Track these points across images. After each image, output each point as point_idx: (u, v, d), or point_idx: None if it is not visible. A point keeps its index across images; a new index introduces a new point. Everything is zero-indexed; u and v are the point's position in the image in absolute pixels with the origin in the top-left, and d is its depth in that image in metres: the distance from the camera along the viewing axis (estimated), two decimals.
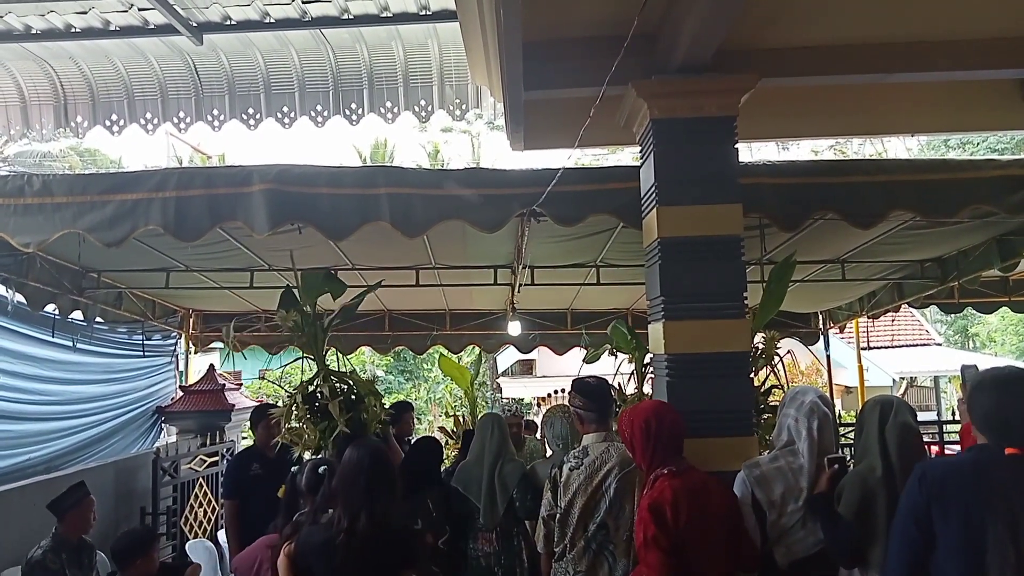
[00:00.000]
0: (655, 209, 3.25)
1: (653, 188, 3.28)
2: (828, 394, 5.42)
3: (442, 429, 6.78)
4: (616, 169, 4.14)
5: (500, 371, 20.31)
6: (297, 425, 4.37)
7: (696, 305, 3.17)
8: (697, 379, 3.13)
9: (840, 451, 3.03)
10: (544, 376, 17.40)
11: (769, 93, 3.52)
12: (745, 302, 3.22)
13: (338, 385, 4.43)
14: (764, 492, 2.88)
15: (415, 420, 6.19)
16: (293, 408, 4.38)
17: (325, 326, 4.77)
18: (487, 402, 19.49)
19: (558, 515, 3.37)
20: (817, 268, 6.34)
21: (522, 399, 19.63)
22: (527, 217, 4.02)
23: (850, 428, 6.16)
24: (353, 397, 4.42)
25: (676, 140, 3.28)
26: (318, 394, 4.43)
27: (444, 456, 5.60)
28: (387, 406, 4.88)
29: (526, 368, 20.28)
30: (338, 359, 4.93)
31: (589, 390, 3.38)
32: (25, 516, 4.99)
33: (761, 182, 3.94)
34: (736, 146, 3.29)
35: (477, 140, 27.54)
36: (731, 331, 3.16)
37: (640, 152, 3.53)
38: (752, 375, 3.21)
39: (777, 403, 4.24)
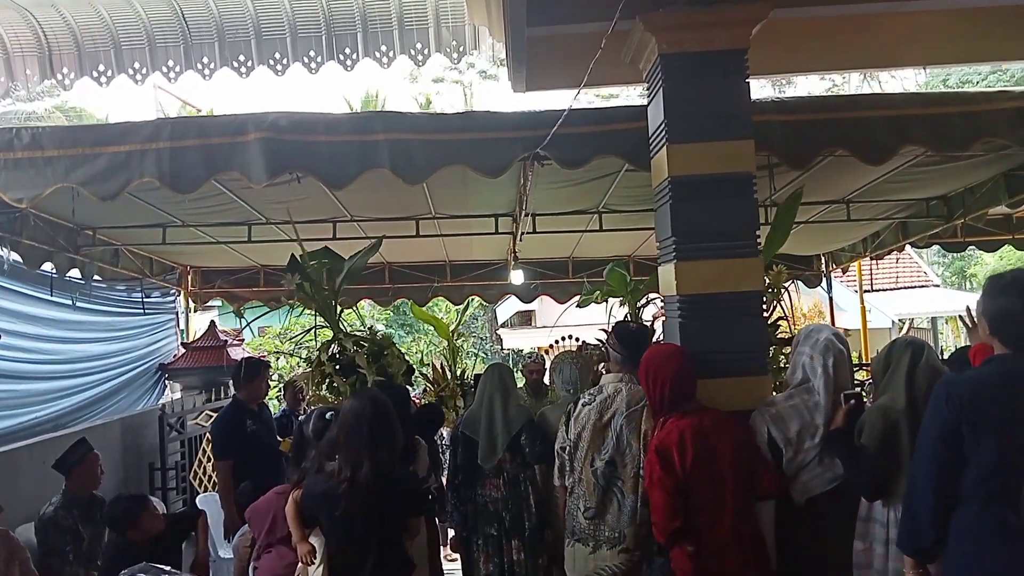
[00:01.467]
0: (664, 147, 3.17)
1: (662, 126, 3.18)
2: None
3: (423, 375, 6.74)
4: (622, 109, 4.04)
5: (500, 323, 20.33)
6: (323, 391, 4.42)
7: (708, 245, 3.11)
8: (710, 320, 3.09)
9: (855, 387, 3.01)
10: (544, 326, 17.40)
11: (781, 25, 3.40)
12: (758, 240, 3.16)
13: (356, 344, 4.47)
14: (780, 430, 2.88)
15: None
16: (319, 371, 4.42)
17: (335, 289, 4.77)
18: (487, 354, 19.56)
19: (568, 448, 3.42)
20: (822, 209, 6.27)
21: (521, 350, 19.71)
22: (531, 161, 3.93)
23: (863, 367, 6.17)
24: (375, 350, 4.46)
25: (685, 75, 3.17)
26: (336, 354, 4.47)
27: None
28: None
29: (525, 319, 20.30)
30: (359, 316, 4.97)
31: (627, 334, 3.40)
32: (35, 474, 5.00)
33: (770, 119, 3.84)
34: (747, 80, 3.19)
35: (469, 91, 27.11)
36: (744, 270, 3.11)
37: (647, 90, 3.42)
38: (765, 314, 3.17)
39: (783, 337, 4.25)
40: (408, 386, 4.69)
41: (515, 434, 4.28)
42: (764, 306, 3.17)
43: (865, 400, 2.91)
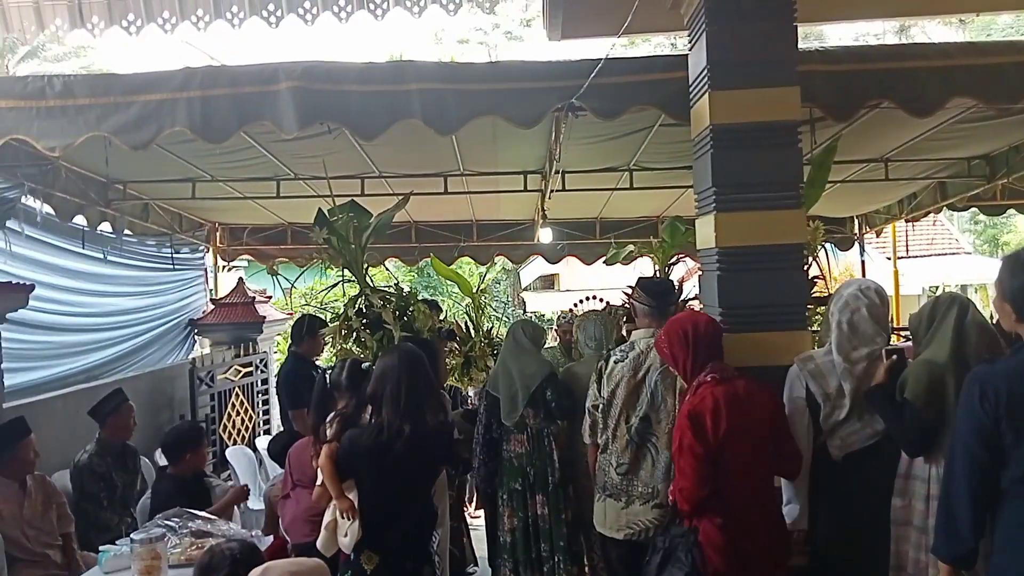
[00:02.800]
0: (707, 95, 3.07)
1: (705, 72, 3.08)
2: None
3: (449, 332, 6.69)
4: (660, 58, 3.94)
5: (523, 286, 20.32)
6: (348, 346, 4.43)
7: (749, 196, 3.03)
8: (749, 273, 3.02)
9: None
10: (568, 290, 17.38)
11: None
12: (801, 192, 3.07)
13: (383, 299, 4.47)
14: (819, 385, 2.82)
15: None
16: (346, 325, 4.43)
17: (362, 244, 4.75)
18: (509, 317, 19.57)
19: (601, 406, 3.39)
20: (859, 168, 6.12)
21: (543, 314, 19.70)
22: (565, 111, 3.85)
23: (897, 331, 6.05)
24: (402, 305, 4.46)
25: (730, 19, 3.05)
26: (363, 308, 4.47)
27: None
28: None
29: (548, 283, 20.27)
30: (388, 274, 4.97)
31: (651, 285, 3.34)
32: (68, 423, 5.10)
33: (813, 69, 3.70)
34: (795, 24, 3.07)
35: (495, 51, 26.76)
36: (786, 222, 3.03)
37: (689, 36, 3.32)
38: (806, 267, 3.10)
39: (819, 295, 4.18)
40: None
41: (535, 389, 4.27)
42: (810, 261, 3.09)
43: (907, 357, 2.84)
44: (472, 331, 5.93)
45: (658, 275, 5.63)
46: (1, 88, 3.93)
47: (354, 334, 4.66)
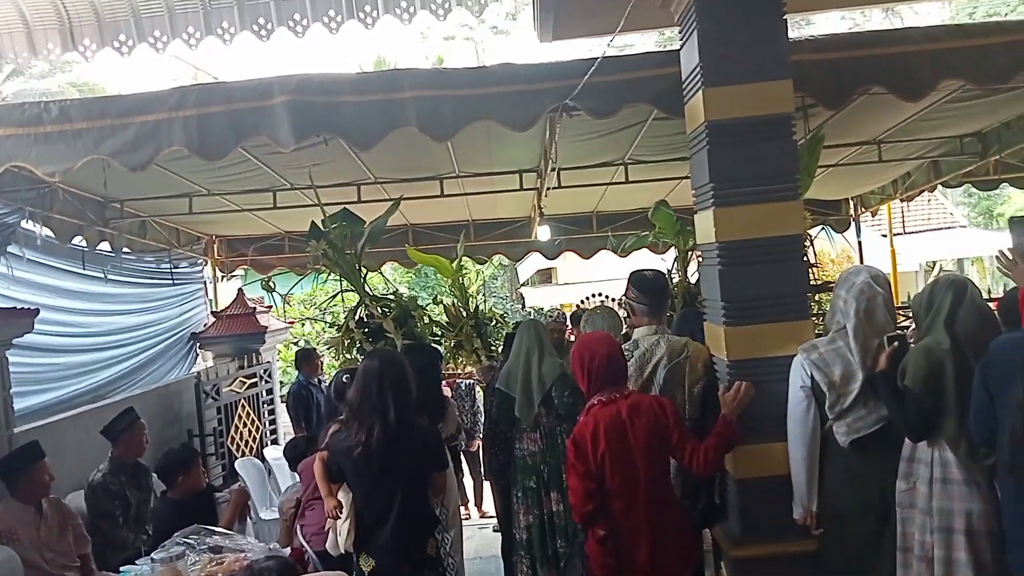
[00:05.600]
0: (700, 92, 3.09)
1: (697, 69, 3.11)
2: None
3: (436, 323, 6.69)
4: (652, 55, 3.96)
5: (521, 282, 20.32)
6: (352, 356, 4.46)
7: (747, 189, 3.05)
8: (750, 265, 3.05)
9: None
10: (566, 283, 17.39)
11: None
12: (797, 183, 3.10)
13: (383, 307, 4.49)
14: (823, 374, 2.86)
15: None
16: (347, 336, 4.45)
17: (358, 253, 4.76)
18: (508, 313, 19.58)
19: None
20: (853, 151, 6.15)
21: (542, 308, 19.72)
22: (560, 112, 3.87)
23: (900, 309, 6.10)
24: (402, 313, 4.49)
25: (720, 15, 3.07)
26: (364, 318, 4.49)
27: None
28: None
29: (545, 277, 20.27)
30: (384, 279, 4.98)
31: (645, 284, 3.34)
32: (79, 444, 5.11)
33: (804, 58, 3.74)
34: (785, 17, 3.10)
35: (482, 47, 26.71)
36: (784, 214, 3.05)
37: (680, 33, 3.34)
38: (805, 257, 3.13)
39: (813, 284, 4.20)
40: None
41: (548, 388, 4.31)
42: (805, 250, 3.12)
43: (909, 342, 2.88)
44: (461, 312, 5.86)
45: (677, 264, 5.69)
46: None
47: (356, 344, 4.69)
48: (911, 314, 2.99)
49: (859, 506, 2.85)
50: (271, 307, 8.92)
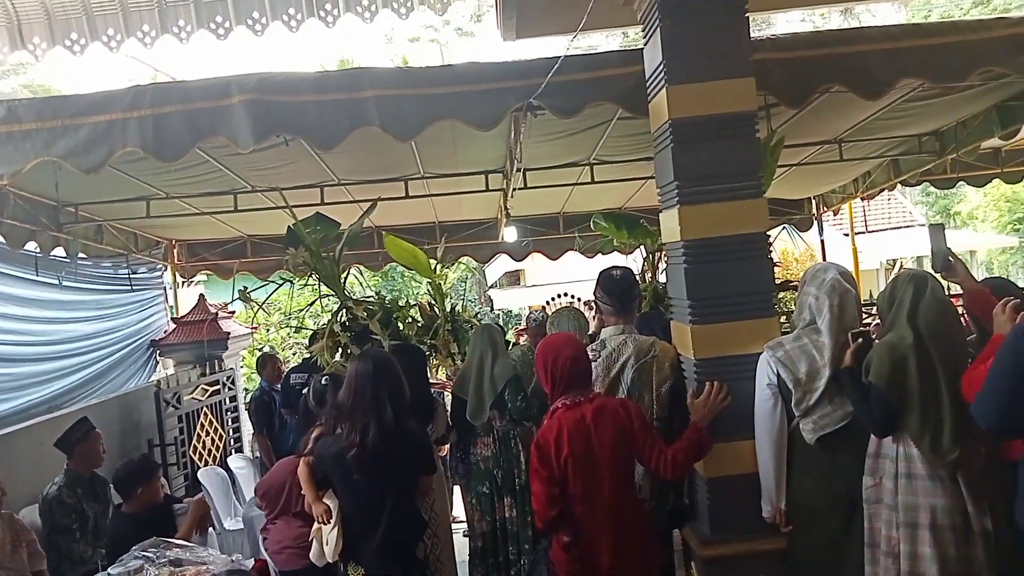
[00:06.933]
0: (664, 89, 3.09)
1: (661, 67, 3.10)
2: None
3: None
4: (616, 54, 3.94)
5: (489, 284, 20.28)
6: (335, 358, 4.40)
7: (711, 187, 3.05)
8: (715, 263, 3.05)
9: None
10: (534, 285, 17.39)
11: None
12: (761, 181, 3.11)
13: (365, 309, 4.44)
14: (789, 371, 2.87)
15: None
16: (333, 341, 4.39)
17: (336, 257, 4.70)
18: (473, 315, 19.52)
19: None
20: (814, 150, 6.23)
21: (511, 311, 19.69)
22: (524, 111, 3.84)
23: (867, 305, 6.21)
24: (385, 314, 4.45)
25: (683, 13, 3.07)
26: (347, 321, 4.44)
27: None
28: None
29: (514, 279, 20.26)
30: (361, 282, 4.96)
31: (612, 283, 3.31)
32: (33, 456, 4.96)
33: (766, 57, 3.76)
34: (747, 15, 3.10)
35: (446, 48, 26.65)
36: (748, 212, 3.06)
37: (643, 31, 3.33)
38: (769, 255, 3.13)
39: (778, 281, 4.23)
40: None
41: (500, 391, 4.28)
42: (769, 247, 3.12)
43: (873, 338, 2.89)
44: (436, 312, 5.78)
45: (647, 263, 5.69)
46: None
47: (341, 347, 4.63)
48: (876, 310, 3.01)
49: (827, 502, 2.86)
50: (233, 312, 8.76)
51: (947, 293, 2.92)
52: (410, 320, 4.57)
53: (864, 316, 3.35)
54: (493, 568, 4.30)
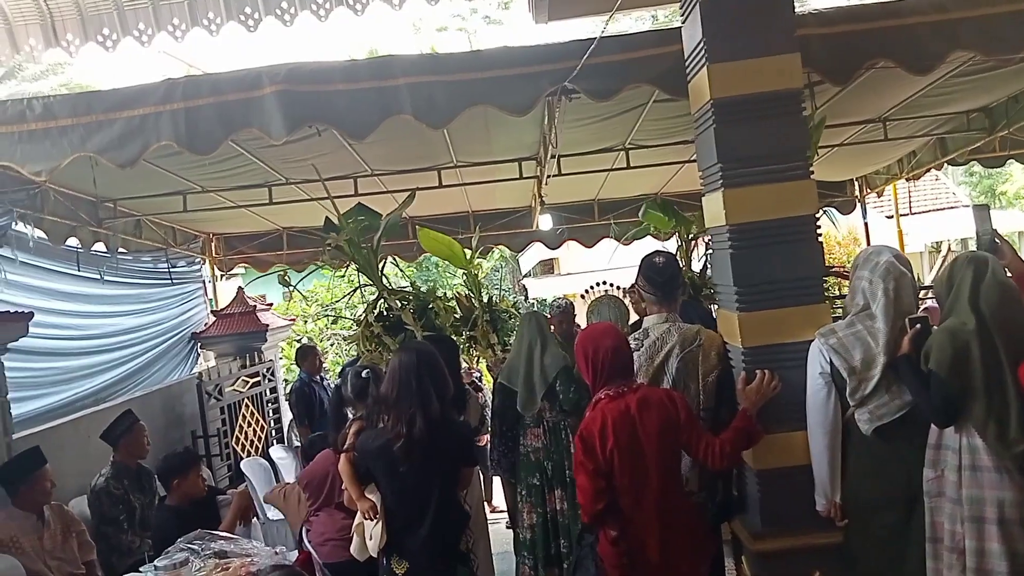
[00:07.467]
0: (705, 68, 2.97)
1: (701, 45, 2.98)
2: None
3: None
4: (652, 34, 3.84)
5: (523, 273, 20.21)
6: (371, 348, 4.39)
7: (756, 169, 2.93)
8: (762, 248, 2.93)
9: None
10: (568, 273, 17.28)
11: None
12: (809, 161, 2.98)
13: (400, 300, 4.42)
14: (842, 359, 2.75)
15: None
16: (367, 331, 4.39)
17: (374, 246, 4.69)
18: (510, 304, 19.47)
19: None
20: (857, 129, 6.03)
21: (545, 299, 19.60)
22: (558, 95, 3.75)
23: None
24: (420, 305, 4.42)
25: None
26: (384, 312, 4.43)
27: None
28: None
29: (547, 268, 20.17)
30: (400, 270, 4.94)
31: (653, 272, 3.22)
32: (80, 448, 5.04)
33: (809, 33, 3.62)
34: None
35: (474, 38, 26.51)
36: (796, 193, 2.93)
37: (681, 8, 3.21)
38: (819, 238, 3.01)
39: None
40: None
41: (551, 382, 4.20)
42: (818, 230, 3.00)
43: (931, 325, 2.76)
44: (473, 303, 5.73)
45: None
46: None
47: (376, 339, 4.62)
48: (935, 296, 2.87)
49: (884, 496, 2.74)
50: (271, 304, 8.83)
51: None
52: (447, 311, 4.51)
53: (920, 301, 3.21)
54: (544, 561, 4.25)
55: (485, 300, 5.57)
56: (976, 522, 2.49)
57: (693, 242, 5.78)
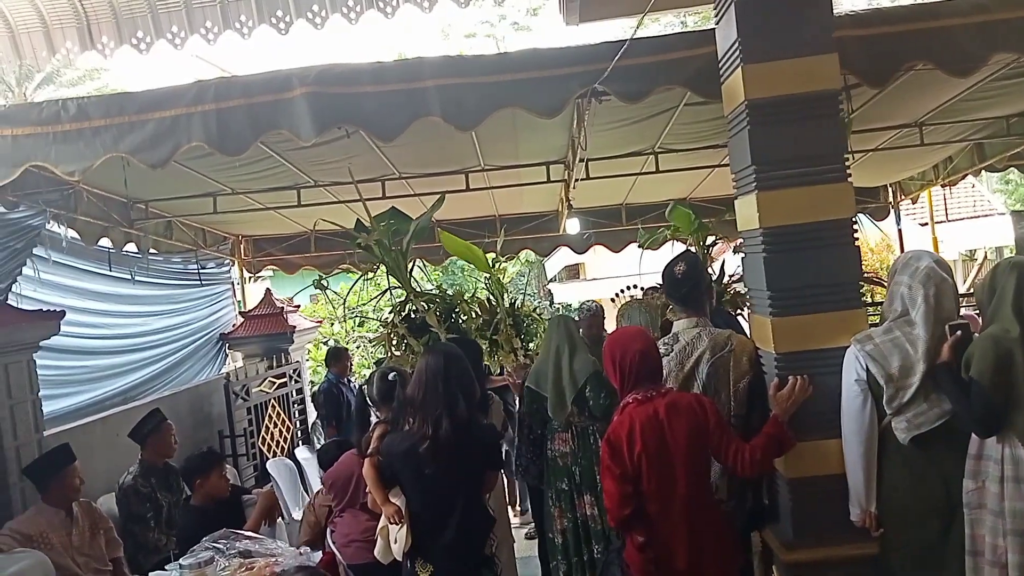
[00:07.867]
0: (739, 69, 2.92)
1: (735, 45, 2.93)
2: None
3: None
4: (684, 35, 3.80)
5: (548, 278, 20.16)
6: (397, 352, 4.40)
7: (792, 172, 2.87)
8: (797, 252, 2.86)
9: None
10: (594, 279, 17.19)
11: None
12: (846, 163, 2.92)
13: (427, 302, 4.42)
14: (879, 366, 2.67)
15: None
16: (393, 332, 4.39)
17: (404, 249, 4.70)
18: (540, 309, 19.41)
19: None
20: (893, 134, 5.91)
21: (571, 304, 19.52)
22: (588, 97, 3.72)
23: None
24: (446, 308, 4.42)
25: None
26: (411, 314, 4.43)
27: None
28: None
29: (573, 273, 20.09)
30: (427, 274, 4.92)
31: (671, 284, 3.18)
32: (109, 446, 5.10)
33: (845, 34, 3.54)
34: None
35: (503, 43, 26.54)
36: (832, 196, 2.86)
37: (715, 9, 3.16)
38: (856, 242, 2.93)
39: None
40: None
41: (581, 387, 4.15)
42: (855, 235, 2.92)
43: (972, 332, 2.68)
44: (496, 306, 5.69)
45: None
46: (17, 115, 3.89)
47: (401, 340, 4.63)
48: (976, 303, 2.79)
49: (922, 506, 2.66)
50: (299, 306, 8.89)
51: None
52: (473, 315, 4.50)
53: (961, 308, 3.12)
54: (577, 567, 4.20)
55: (508, 304, 5.55)
56: (1020, 535, 2.40)
57: (710, 249, 5.67)
